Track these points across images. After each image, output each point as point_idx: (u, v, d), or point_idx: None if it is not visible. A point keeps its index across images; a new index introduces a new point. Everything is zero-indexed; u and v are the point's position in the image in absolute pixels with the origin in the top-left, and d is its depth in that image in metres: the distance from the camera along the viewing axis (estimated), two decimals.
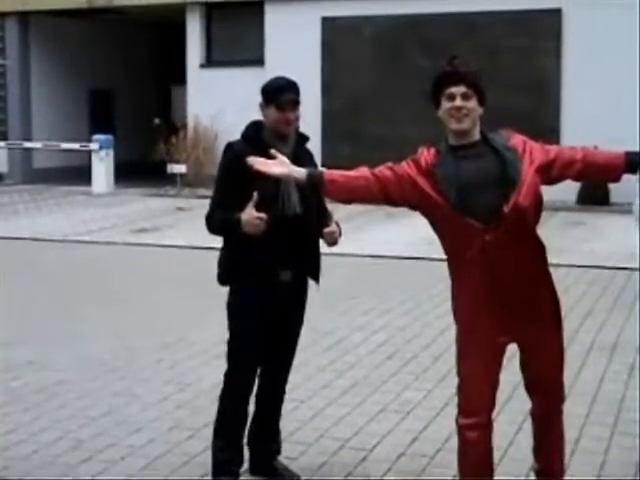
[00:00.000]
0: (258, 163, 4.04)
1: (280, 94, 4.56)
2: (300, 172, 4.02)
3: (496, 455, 4.24)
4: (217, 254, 4.78)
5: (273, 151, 4.11)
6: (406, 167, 3.95)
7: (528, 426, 4.48)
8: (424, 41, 18.42)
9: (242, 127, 4.75)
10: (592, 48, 17.46)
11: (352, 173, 4.02)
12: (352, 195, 4.02)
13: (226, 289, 4.77)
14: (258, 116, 4.71)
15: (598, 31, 17.39)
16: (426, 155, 3.95)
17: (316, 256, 4.78)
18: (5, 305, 9.21)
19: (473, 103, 3.89)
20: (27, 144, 21.90)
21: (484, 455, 4.09)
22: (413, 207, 4.00)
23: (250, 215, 4.43)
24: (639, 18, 16.76)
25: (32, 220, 16.03)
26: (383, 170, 3.98)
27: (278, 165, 4.02)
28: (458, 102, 3.86)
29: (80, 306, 9.11)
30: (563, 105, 17.97)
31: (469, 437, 4.03)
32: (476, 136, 3.93)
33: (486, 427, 4.06)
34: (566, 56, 17.93)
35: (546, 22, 17.98)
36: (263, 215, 4.43)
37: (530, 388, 4.22)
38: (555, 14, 17.93)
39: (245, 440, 4.89)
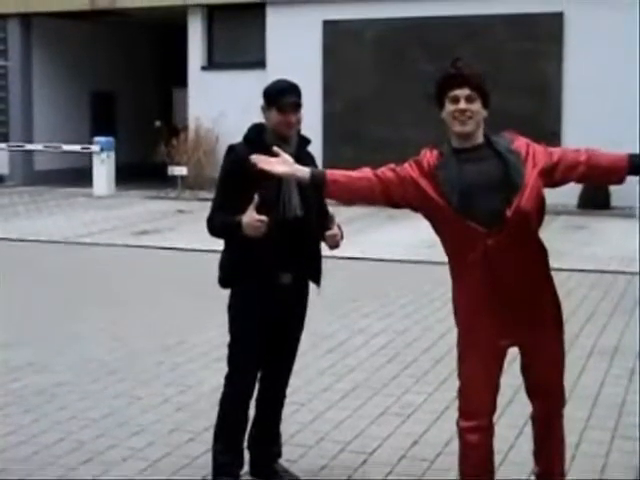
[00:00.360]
0: (261, 161, 4.01)
1: (282, 97, 4.55)
2: (303, 171, 4.00)
3: (497, 459, 4.23)
4: (218, 257, 4.77)
5: (276, 149, 4.10)
6: (408, 169, 3.94)
7: (529, 430, 4.47)
8: (425, 44, 18.42)
9: (244, 129, 4.75)
10: (593, 51, 17.46)
11: (354, 174, 4.00)
12: (354, 196, 4.01)
13: (227, 292, 4.76)
14: (260, 119, 4.71)
15: (599, 34, 17.40)
16: (429, 157, 3.93)
17: (317, 259, 4.77)
18: (5, 306, 9.20)
19: (477, 106, 3.87)
20: (28, 146, 21.89)
21: (485, 458, 4.08)
22: (415, 209, 3.99)
23: (251, 218, 4.42)
24: (639, 19, 16.77)
25: (33, 222, 16.02)
26: (385, 171, 3.97)
27: (281, 164, 4.00)
28: (462, 105, 3.84)
29: (80, 308, 9.11)
30: (564, 108, 17.97)
31: (470, 440, 4.02)
32: (479, 139, 3.91)
33: (487, 430, 4.05)
34: (567, 59, 17.94)
35: (548, 25, 18.00)
36: (264, 218, 4.42)
37: (531, 392, 4.21)
38: (557, 17, 17.93)
39: (245, 444, 4.88)
